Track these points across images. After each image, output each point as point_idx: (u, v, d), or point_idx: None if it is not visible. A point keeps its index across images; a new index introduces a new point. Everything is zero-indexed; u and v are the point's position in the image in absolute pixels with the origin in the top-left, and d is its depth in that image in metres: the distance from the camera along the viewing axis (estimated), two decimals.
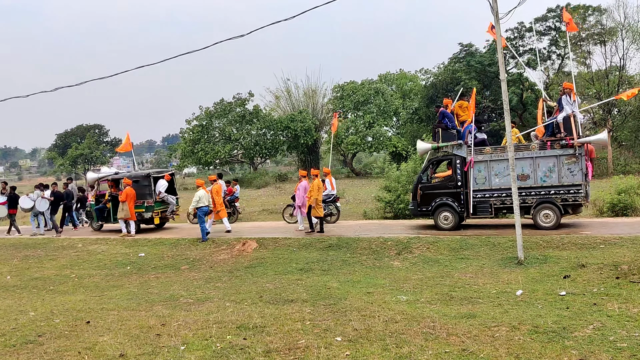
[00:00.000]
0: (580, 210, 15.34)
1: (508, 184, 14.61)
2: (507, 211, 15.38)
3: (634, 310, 8.46)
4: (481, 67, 42.71)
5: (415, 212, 16.53)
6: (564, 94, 15.06)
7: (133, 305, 10.64)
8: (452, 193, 15.74)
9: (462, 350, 7.13)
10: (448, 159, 16.15)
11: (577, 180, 14.53)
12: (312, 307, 9.73)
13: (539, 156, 14.88)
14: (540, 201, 14.82)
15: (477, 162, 15.47)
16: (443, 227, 15.80)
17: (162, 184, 19.76)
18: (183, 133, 56.82)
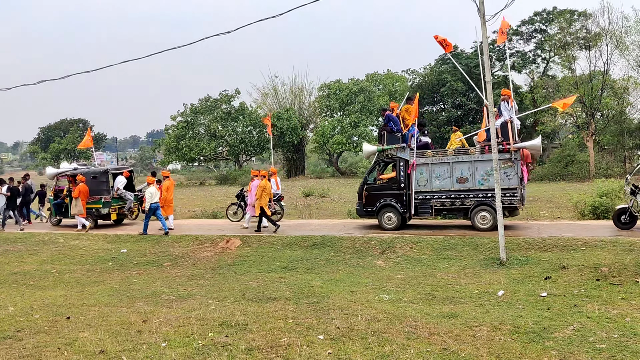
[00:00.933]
0: (517, 213, 15.71)
1: (448, 187, 15.47)
2: (447, 212, 15.84)
3: (613, 311, 8.56)
4: (467, 69, 42.97)
5: (361, 213, 16.84)
6: (503, 101, 15.55)
7: (114, 302, 10.55)
8: (396, 194, 16.16)
9: (444, 350, 7.17)
10: (392, 161, 16.50)
11: (512, 184, 14.92)
12: (295, 305, 9.72)
13: (477, 160, 15.29)
14: (478, 203, 15.25)
15: (419, 165, 15.90)
16: (386, 227, 16.15)
17: (120, 181, 20.00)
18: (168, 129, 56.51)
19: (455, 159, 15.49)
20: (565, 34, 39.83)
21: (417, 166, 15.88)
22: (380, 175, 16.78)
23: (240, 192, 20.17)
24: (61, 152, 78.49)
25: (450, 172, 15.55)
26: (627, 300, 9.20)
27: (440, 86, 44.44)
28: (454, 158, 15.55)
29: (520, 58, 42.77)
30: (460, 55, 45.06)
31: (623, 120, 39.02)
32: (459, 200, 15.40)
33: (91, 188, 19.44)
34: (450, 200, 15.51)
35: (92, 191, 19.44)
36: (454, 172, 15.51)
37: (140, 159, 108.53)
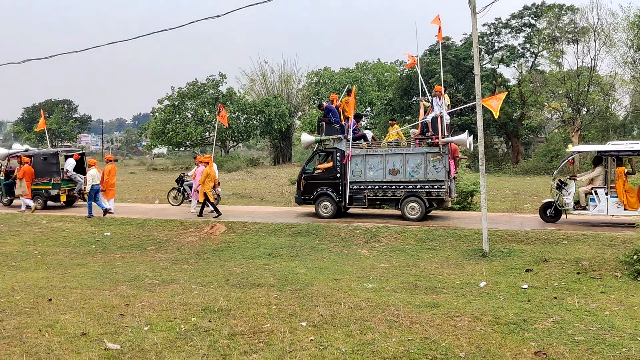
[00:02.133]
0: (445, 204, 16.29)
1: (381, 177, 15.98)
2: (381, 202, 16.29)
3: (592, 305, 8.69)
4: (456, 61, 43.06)
5: (299, 201, 17.27)
6: (435, 97, 16.02)
7: (97, 284, 10.51)
8: (332, 184, 16.60)
9: (425, 339, 7.24)
10: (330, 151, 16.84)
11: (440, 176, 15.49)
12: (279, 292, 9.75)
13: (408, 153, 15.79)
14: (408, 194, 15.76)
15: (355, 156, 16.31)
16: (323, 215, 16.63)
17: (70, 163, 20.27)
18: (154, 112, 56.05)
19: (388, 151, 15.97)
20: (554, 28, 40.03)
21: (353, 157, 16.33)
22: (319, 165, 17.21)
23: (180, 177, 20.71)
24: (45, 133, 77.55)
25: (383, 164, 16.03)
26: (607, 294, 9.34)
27: (429, 77, 44.48)
28: (386, 150, 16.03)
29: (509, 52, 42.91)
30: (450, 47, 45.10)
31: (608, 117, 39.42)
32: (390, 191, 15.92)
33: (41, 169, 19.81)
34: (383, 191, 16.01)
35: (42, 172, 19.83)
36: (386, 164, 15.99)
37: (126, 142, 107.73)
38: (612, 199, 14.04)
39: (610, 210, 14.14)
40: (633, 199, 14.00)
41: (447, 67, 42.97)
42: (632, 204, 13.95)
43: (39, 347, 7.07)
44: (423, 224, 15.13)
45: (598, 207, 14.19)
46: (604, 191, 14.19)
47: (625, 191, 14.03)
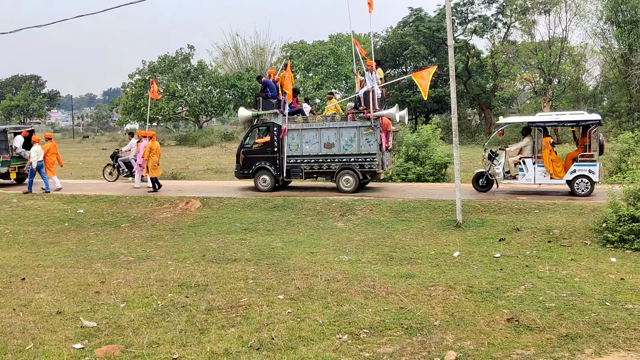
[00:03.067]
0: (378, 177, 16.75)
1: (317, 151, 16.31)
2: (317, 175, 16.85)
3: (563, 272, 8.91)
4: (429, 33, 42.97)
5: (238, 175, 17.60)
6: (368, 71, 16.18)
7: (71, 263, 10.41)
8: (270, 158, 16.89)
9: (400, 309, 7.36)
10: (267, 126, 17.17)
11: (372, 149, 15.82)
12: (256, 266, 9.78)
13: (342, 127, 16.10)
14: (342, 167, 16.14)
15: (291, 130, 16.59)
16: (262, 188, 16.92)
17: (18, 140, 20.02)
18: (125, 87, 55.00)
19: (323, 125, 16.27)
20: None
21: (289, 131, 16.59)
22: (257, 140, 17.47)
23: (114, 153, 20.88)
24: (13, 109, 75.77)
25: (318, 138, 16.34)
26: (577, 261, 9.58)
27: (402, 49, 44.35)
28: (321, 124, 16.32)
29: (482, 22, 42.92)
30: (423, 18, 44.93)
31: (579, 87, 39.92)
32: (326, 164, 16.26)
33: None
34: (319, 164, 16.36)
35: None
36: (322, 138, 16.31)
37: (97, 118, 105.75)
38: (539, 168, 14.53)
39: (537, 179, 14.64)
40: (559, 168, 14.53)
41: (421, 39, 42.89)
42: (558, 172, 14.47)
43: (14, 326, 7.01)
44: (398, 196, 15.25)
45: (526, 176, 14.67)
46: (531, 161, 14.65)
47: (552, 160, 14.55)
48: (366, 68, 16.28)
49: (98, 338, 6.63)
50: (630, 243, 10.26)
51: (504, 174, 15.02)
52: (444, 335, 6.51)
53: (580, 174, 14.12)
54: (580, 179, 14.15)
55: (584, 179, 14.12)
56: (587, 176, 14.09)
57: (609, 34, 37.21)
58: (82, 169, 27.68)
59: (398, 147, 19.99)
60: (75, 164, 30.58)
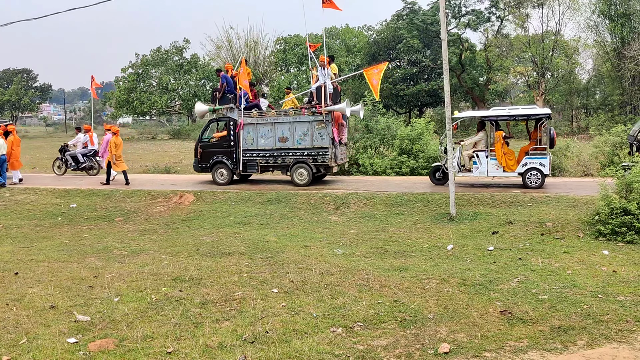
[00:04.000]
0: (331, 170, 17.00)
1: (271, 145, 16.68)
2: (273, 169, 17.15)
3: (555, 265, 8.96)
4: (423, 26, 42.93)
5: (197, 168, 17.90)
6: (321, 67, 16.45)
7: (64, 257, 10.38)
8: (227, 152, 17.19)
9: (394, 302, 7.39)
10: (224, 120, 17.38)
11: (325, 143, 16.22)
12: (250, 260, 9.79)
13: (295, 121, 16.45)
14: (296, 161, 16.53)
15: (247, 125, 16.91)
16: (219, 182, 17.26)
17: None
18: (118, 81, 54.72)
19: (277, 119, 16.61)
20: None
21: (245, 126, 16.90)
22: (214, 134, 17.81)
23: (62, 147, 21.32)
24: (5, 104, 75.22)
25: (273, 132, 16.67)
26: (569, 254, 9.64)
27: (396, 43, 44.30)
28: (276, 119, 16.65)
29: (476, 16, 42.91)
30: (417, 12, 44.86)
31: (572, 80, 40.00)
32: (280, 158, 16.63)
33: None
34: (274, 158, 16.71)
35: None
36: (276, 132, 16.64)
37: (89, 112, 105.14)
38: (492, 162, 14.83)
39: (490, 172, 14.95)
40: (511, 161, 14.84)
41: (414, 32, 42.86)
42: (510, 165, 14.77)
43: (7, 321, 6.99)
44: (392, 189, 15.27)
45: (480, 169, 14.97)
46: (484, 154, 14.93)
47: (504, 154, 14.84)
48: (320, 64, 16.51)
49: (92, 332, 6.62)
50: (623, 235, 10.32)
51: (460, 167, 15.24)
52: (438, 327, 6.54)
53: (531, 166, 14.44)
54: (532, 171, 14.47)
55: (535, 171, 14.48)
56: (538, 169, 14.46)
57: (602, 28, 37.33)
58: None
59: (392, 141, 20.00)
60: None
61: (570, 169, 18.42)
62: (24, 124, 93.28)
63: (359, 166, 19.86)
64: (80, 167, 20.62)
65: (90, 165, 20.68)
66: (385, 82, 44.36)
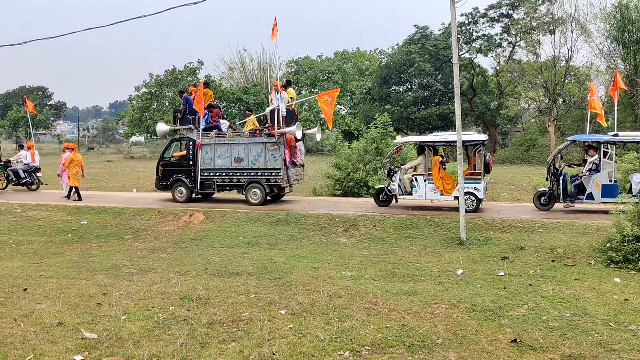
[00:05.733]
0: (285, 191, 17.62)
1: (228, 165, 17.23)
2: (229, 188, 17.65)
3: (566, 292, 8.85)
4: (435, 50, 43.19)
5: (158, 186, 18.54)
6: (274, 91, 17.28)
7: (73, 274, 10.40)
8: (186, 171, 17.82)
9: (403, 326, 7.31)
10: (184, 140, 18.05)
11: (278, 164, 16.79)
12: (258, 280, 9.75)
13: (250, 142, 17.06)
14: (251, 181, 17.04)
15: (205, 145, 17.53)
16: (178, 200, 17.83)
17: None
18: (131, 100, 55.32)
19: (233, 140, 17.24)
20: (531, 18, 40.35)
21: (203, 146, 17.50)
22: (175, 153, 18.35)
23: (5, 163, 21.83)
24: (20, 120, 76.15)
25: (229, 152, 17.26)
26: (580, 281, 9.52)
27: (407, 66, 44.56)
28: (232, 140, 17.28)
29: (487, 41, 43.13)
30: (428, 36, 45.19)
31: (584, 107, 39.85)
32: (236, 177, 17.17)
33: None
34: (229, 178, 17.25)
35: None
36: (232, 153, 17.22)
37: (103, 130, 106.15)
38: (430, 185, 15.32)
39: (429, 195, 15.40)
40: (449, 185, 15.25)
41: (426, 56, 43.12)
42: (448, 189, 15.20)
43: (14, 336, 6.99)
44: (402, 212, 15.22)
45: (418, 192, 15.46)
46: (422, 178, 15.40)
47: (441, 178, 15.29)
48: (274, 88, 17.23)
49: (98, 350, 6.60)
50: (635, 263, 10.19)
51: (402, 190, 15.78)
52: (447, 353, 6.46)
53: (466, 191, 14.56)
54: (467, 195, 14.62)
55: (471, 195, 14.83)
56: (473, 193, 14.87)
57: (615, 54, 37.33)
58: (85, 181, 27.71)
59: (402, 163, 19.96)
60: None
61: None
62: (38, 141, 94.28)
63: (369, 188, 19.83)
64: (21, 182, 21.47)
65: (30, 180, 21.59)
66: (396, 106, 44.56)
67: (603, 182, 14.49)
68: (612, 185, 14.49)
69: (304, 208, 16.29)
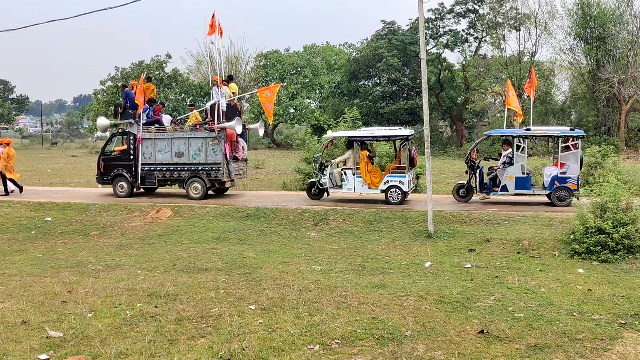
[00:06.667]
0: (227, 185, 17.74)
1: (168, 160, 17.25)
2: (171, 183, 17.78)
3: (532, 283, 9.04)
4: (402, 45, 43.45)
5: (99, 181, 18.48)
6: (215, 86, 17.23)
7: (37, 271, 10.18)
8: (127, 165, 17.75)
9: (372, 319, 7.37)
10: (125, 135, 17.98)
11: (218, 159, 16.86)
12: (227, 276, 9.70)
13: (191, 137, 17.12)
14: (191, 175, 17.12)
15: (145, 139, 17.50)
16: (119, 194, 17.71)
17: None
18: (97, 94, 54.25)
19: (174, 135, 17.24)
20: (496, 14, 40.92)
21: (144, 140, 17.47)
22: (115, 148, 18.42)
23: None
24: None
25: (170, 147, 17.28)
26: (545, 272, 9.73)
27: (376, 61, 44.75)
28: (172, 134, 17.28)
29: (453, 37, 43.56)
30: (396, 31, 45.41)
31: (548, 101, 40.73)
32: (177, 172, 17.22)
33: None
34: (170, 172, 17.30)
35: None
36: (173, 147, 17.24)
37: (67, 125, 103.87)
38: (358, 179, 15.63)
39: (357, 189, 15.75)
40: (376, 179, 15.65)
41: (394, 51, 43.35)
42: (375, 183, 15.59)
43: None
44: (371, 206, 15.31)
45: (347, 185, 15.82)
46: (351, 172, 15.76)
47: (369, 172, 15.67)
48: (214, 83, 17.23)
49: (64, 349, 6.48)
50: (597, 254, 10.46)
51: (333, 183, 16.16)
52: (415, 345, 6.53)
53: (392, 184, 15.30)
54: (393, 189, 15.31)
55: (396, 189, 15.31)
56: (398, 186, 15.32)
57: (578, 50, 38.13)
58: (50, 176, 27.17)
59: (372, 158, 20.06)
60: (43, 171, 30.01)
61: None
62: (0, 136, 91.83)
63: None
64: None
65: None
66: (365, 100, 44.73)
67: (516, 175, 15.05)
68: (525, 177, 15.10)
69: (274, 202, 16.21)
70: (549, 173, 15.05)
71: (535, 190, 15.11)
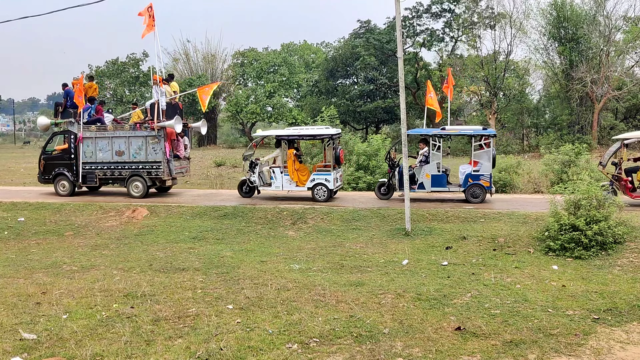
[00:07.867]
0: (169, 183, 17.70)
1: (109, 159, 17.31)
2: (112, 181, 17.84)
3: (507, 279, 9.15)
4: (380, 44, 43.57)
5: (41, 180, 18.42)
6: (155, 84, 17.35)
7: (10, 272, 10.00)
8: (68, 164, 17.78)
9: (350, 317, 7.39)
10: (66, 134, 17.95)
11: (158, 158, 17.00)
12: (204, 275, 9.64)
13: (131, 136, 17.20)
14: (132, 174, 17.21)
15: (86, 138, 17.50)
16: (61, 193, 17.75)
17: None
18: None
19: (114, 134, 17.29)
20: (472, 13, 41.28)
21: (84, 139, 17.47)
22: (56, 147, 18.27)
23: None
24: None
25: (110, 146, 17.35)
26: (520, 269, 9.86)
27: (353, 60, 44.80)
28: (113, 133, 17.32)
29: (430, 36, 43.82)
30: (373, 30, 45.52)
31: (523, 100, 41.20)
32: (117, 170, 17.29)
33: None
34: (111, 171, 17.36)
35: None
36: (113, 146, 17.32)
37: None
38: (285, 177, 16.08)
39: (285, 187, 16.19)
40: (304, 177, 16.10)
41: (371, 50, 43.43)
42: (303, 181, 16.05)
43: None
44: (349, 204, 15.34)
45: (275, 183, 16.23)
46: (279, 170, 16.19)
47: (296, 170, 16.12)
48: (154, 82, 17.27)
49: (38, 351, 6.38)
50: (571, 251, 10.63)
51: (262, 181, 16.46)
52: (393, 342, 6.57)
53: (318, 182, 15.73)
54: (319, 186, 15.75)
55: (322, 186, 15.74)
56: (323, 184, 15.73)
57: (552, 50, 38.66)
58: (23, 176, 26.67)
59: (349, 157, 20.13)
60: (16, 170, 29.46)
61: (522, 185, 18.89)
62: None
63: None
64: None
65: None
66: (343, 99, 44.78)
67: (432, 173, 15.40)
68: (440, 175, 15.45)
69: (251, 202, 16.14)
70: (463, 171, 15.56)
71: (451, 187, 15.60)
